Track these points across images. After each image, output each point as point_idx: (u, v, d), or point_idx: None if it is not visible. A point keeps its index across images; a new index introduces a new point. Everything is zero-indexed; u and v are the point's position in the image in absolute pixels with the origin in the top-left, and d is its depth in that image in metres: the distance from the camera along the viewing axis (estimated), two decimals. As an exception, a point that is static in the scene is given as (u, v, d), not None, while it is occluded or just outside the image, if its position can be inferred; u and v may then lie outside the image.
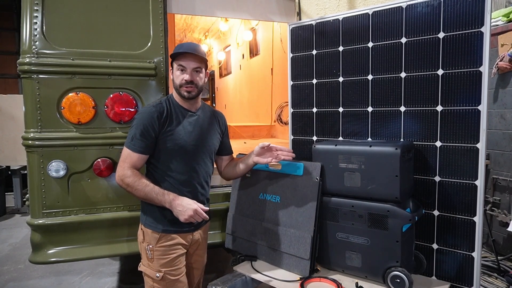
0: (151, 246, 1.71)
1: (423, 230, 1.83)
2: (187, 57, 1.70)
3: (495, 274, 2.91)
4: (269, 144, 1.82)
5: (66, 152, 2.05)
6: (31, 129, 2.01)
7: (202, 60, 1.75)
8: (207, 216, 1.64)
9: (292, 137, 2.31)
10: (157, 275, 1.69)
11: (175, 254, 1.73)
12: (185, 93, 1.72)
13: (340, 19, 2.03)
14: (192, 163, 1.76)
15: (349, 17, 2.00)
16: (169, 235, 1.72)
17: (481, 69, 1.62)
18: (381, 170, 1.67)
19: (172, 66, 1.77)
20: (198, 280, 1.96)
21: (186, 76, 1.70)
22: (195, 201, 1.64)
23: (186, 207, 1.60)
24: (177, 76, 1.72)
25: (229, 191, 2.23)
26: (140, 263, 1.78)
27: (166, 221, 1.71)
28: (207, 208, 1.67)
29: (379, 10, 1.89)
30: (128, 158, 1.66)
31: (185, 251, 1.80)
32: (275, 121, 5.85)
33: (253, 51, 7.34)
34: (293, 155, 1.82)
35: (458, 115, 1.69)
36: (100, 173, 2.09)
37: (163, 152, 1.71)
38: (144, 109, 1.74)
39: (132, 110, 2.12)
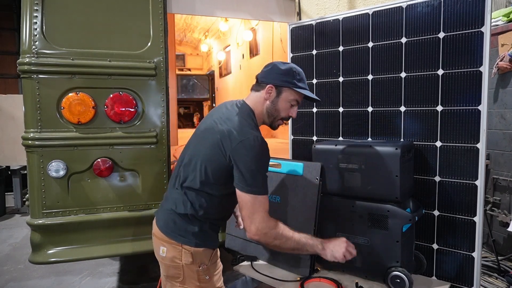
0: (205, 266, 1.49)
1: (423, 230, 1.83)
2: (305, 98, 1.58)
3: (495, 274, 2.91)
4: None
5: (66, 152, 2.05)
6: (31, 129, 2.01)
7: None
8: (355, 253, 1.59)
9: (292, 137, 2.31)
10: None
11: (221, 266, 1.63)
12: (277, 126, 1.60)
13: (340, 19, 2.03)
14: None
15: (349, 17, 2.00)
16: (216, 249, 1.58)
17: (481, 69, 1.61)
18: (381, 170, 1.67)
19: (277, 87, 1.52)
20: None
21: (295, 114, 1.57)
22: (342, 240, 1.58)
23: (337, 248, 1.53)
24: (286, 109, 1.54)
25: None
26: None
27: (216, 235, 1.56)
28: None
29: (379, 10, 1.89)
30: (264, 205, 1.43)
31: None
32: (275, 121, 5.83)
33: (253, 51, 7.34)
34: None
35: (458, 115, 1.69)
36: (100, 173, 2.09)
37: None
38: (263, 143, 1.43)
39: (132, 110, 2.12)
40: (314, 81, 2.17)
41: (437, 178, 1.77)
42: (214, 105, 11.26)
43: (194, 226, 1.49)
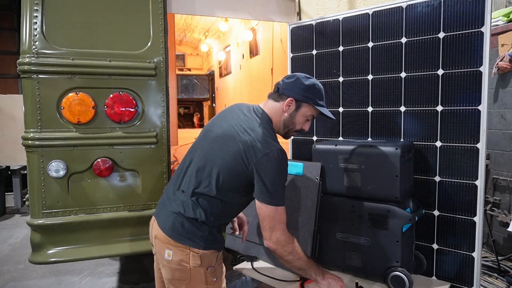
0: (213, 267, 1.49)
1: (423, 230, 1.83)
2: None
3: (495, 274, 2.91)
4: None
5: (66, 152, 2.04)
6: (31, 129, 2.01)
7: None
8: None
9: (292, 137, 2.31)
10: None
11: (224, 267, 1.62)
12: (290, 137, 1.64)
13: (340, 19, 2.03)
14: None
15: (349, 17, 2.00)
16: (221, 250, 1.58)
17: (481, 69, 1.61)
18: (381, 170, 1.67)
19: (298, 101, 1.54)
20: None
21: (307, 127, 1.61)
22: (340, 278, 1.64)
23: (334, 283, 1.59)
24: (301, 122, 1.57)
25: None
26: None
27: (221, 236, 1.56)
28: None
29: (379, 10, 1.89)
30: (283, 216, 1.46)
31: None
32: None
33: (253, 51, 7.34)
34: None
35: (458, 115, 1.69)
36: (100, 173, 2.08)
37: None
38: (284, 155, 1.45)
39: (132, 110, 2.12)
40: (314, 81, 2.17)
41: (437, 178, 1.77)
42: (214, 105, 11.26)
43: (203, 231, 1.47)
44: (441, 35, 1.71)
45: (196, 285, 1.48)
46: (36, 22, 1.98)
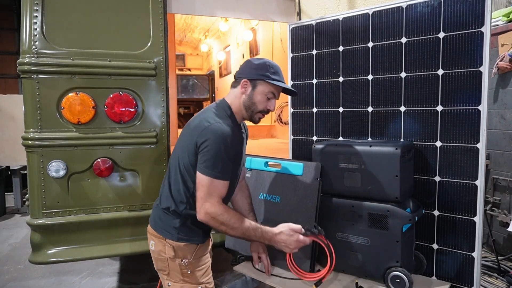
0: (187, 260, 1.55)
1: (423, 230, 1.83)
2: (282, 91, 1.62)
3: (495, 274, 2.91)
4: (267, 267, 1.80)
5: (66, 152, 2.04)
6: (31, 129, 2.01)
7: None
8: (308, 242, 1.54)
9: (292, 137, 2.31)
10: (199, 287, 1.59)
11: (209, 262, 1.66)
12: (258, 120, 1.63)
13: (340, 19, 2.03)
14: (234, 181, 1.67)
15: (349, 17, 2.00)
16: (203, 245, 1.62)
17: (481, 69, 1.61)
18: (381, 170, 1.67)
19: (252, 81, 1.57)
20: None
21: (272, 107, 1.60)
22: (289, 227, 1.52)
23: (289, 240, 1.50)
24: (262, 101, 1.57)
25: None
26: (169, 282, 1.59)
27: (201, 231, 1.60)
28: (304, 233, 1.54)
29: (379, 10, 1.89)
30: (216, 190, 1.46)
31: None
32: (275, 121, 5.85)
33: (253, 51, 7.34)
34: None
35: (458, 115, 1.69)
36: (100, 173, 2.08)
37: None
38: (225, 131, 1.47)
39: (132, 110, 2.12)
40: (314, 81, 2.17)
41: (437, 178, 1.77)
42: (214, 105, 11.23)
43: (176, 221, 1.55)
44: (441, 35, 1.71)
45: (174, 276, 1.57)
46: (36, 22, 1.98)
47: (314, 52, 2.16)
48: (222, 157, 1.45)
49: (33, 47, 1.98)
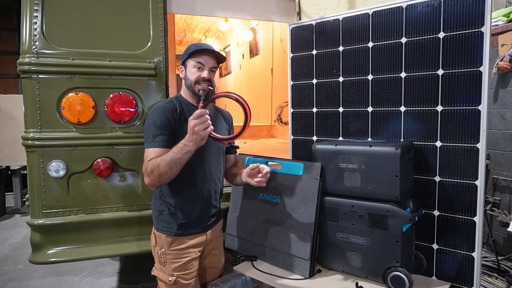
0: (163, 250, 1.70)
1: (423, 230, 1.83)
2: (207, 55, 1.70)
3: (495, 274, 2.91)
4: (258, 165, 1.75)
5: (66, 152, 2.04)
6: (31, 129, 2.01)
7: (219, 60, 1.75)
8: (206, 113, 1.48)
9: (292, 137, 2.31)
10: (170, 279, 1.67)
11: (188, 257, 1.72)
12: (199, 90, 1.69)
13: (340, 19, 2.03)
14: (203, 156, 1.72)
15: (349, 17, 2.00)
16: (181, 238, 1.71)
17: (481, 69, 1.61)
18: (381, 170, 1.67)
19: (183, 64, 1.75)
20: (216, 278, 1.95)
21: (205, 74, 1.69)
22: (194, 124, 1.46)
23: (192, 130, 1.45)
24: (193, 73, 1.69)
25: (229, 191, 2.23)
26: (154, 267, 1.76)
27: (178, 224, 1.70)
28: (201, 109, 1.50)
29: (379, 10, 1.89)
30: (147, 157, 1.57)
31: (199, 254, 1.78)
32: (275, 121, 5.85)
33: (253, 51, 7.34)
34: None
35: (458, 115, 1.69)
36: (100, 173, 2.08)
37: None
38: (156, 106, 1.68)
39: (132, 110, 2.12)
40: (314, 81, 2.17)
41: (437, 178, 1.77)
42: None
43: (156, 210, 1.75)
44: (441, 35, 1.71)
45: (156, 262, 1.76)
46: (36, 22, 1.98)
47: (314, 52, 2.16)
48: (150, 126, 1.60)
49: (33, 47, 1.98)
